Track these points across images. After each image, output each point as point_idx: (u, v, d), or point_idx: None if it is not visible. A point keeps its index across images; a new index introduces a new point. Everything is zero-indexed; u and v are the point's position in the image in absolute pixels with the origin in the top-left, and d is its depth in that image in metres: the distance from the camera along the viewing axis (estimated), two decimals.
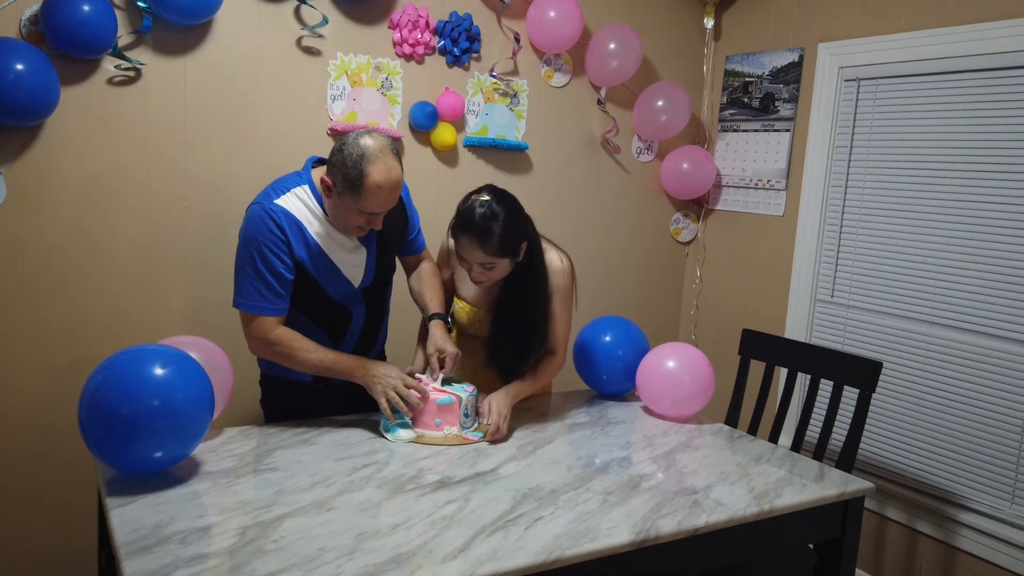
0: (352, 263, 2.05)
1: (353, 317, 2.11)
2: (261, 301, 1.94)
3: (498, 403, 2.07)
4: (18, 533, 2.37)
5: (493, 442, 2.03)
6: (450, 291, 2.33)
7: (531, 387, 2.21)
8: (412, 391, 1.97)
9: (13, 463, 2.34)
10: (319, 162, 2.05)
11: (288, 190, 1.97)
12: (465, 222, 2.00)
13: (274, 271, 1.93)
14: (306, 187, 1.99)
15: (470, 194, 2.06)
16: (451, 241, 2.16)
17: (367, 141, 1.87)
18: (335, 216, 1.96)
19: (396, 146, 1.95)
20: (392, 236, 2.16)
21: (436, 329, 2.12)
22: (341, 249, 2.01)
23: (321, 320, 2.08)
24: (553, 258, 2.19)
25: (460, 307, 2.28)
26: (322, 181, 1.94)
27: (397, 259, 2.28)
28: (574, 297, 2.25)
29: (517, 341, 2.17)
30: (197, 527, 1.47)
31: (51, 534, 2.42)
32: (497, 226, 1.98)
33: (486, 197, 2.02)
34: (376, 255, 2.10)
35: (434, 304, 2.19)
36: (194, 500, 1.58)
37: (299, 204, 1.96)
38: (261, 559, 1.37)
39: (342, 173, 1.86)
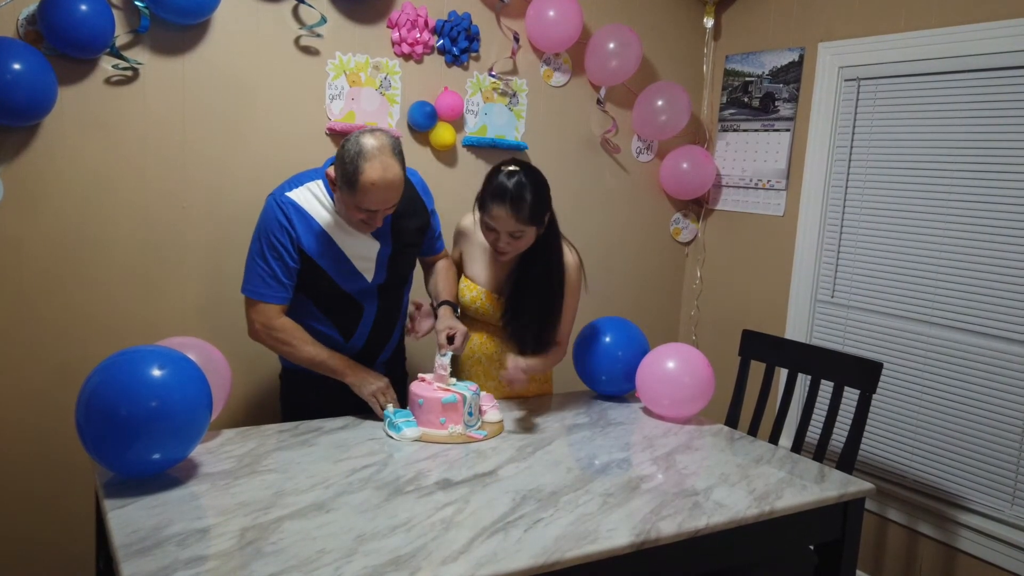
0: (364, 256, 2.11)
1: (364, 311, 2.16)
2: (264, 288, 2.04)
3: (519, 361, 2.16)
4: (15, 535, 2.36)
5: (509, 383, 2.16)
6: (457, 270, 2.40)
7: (540, 365, 2.27)
8: (387, 400, 2.08)
9: (10, 465, 2.33)
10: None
11: (302, 184, 2.07)
12: (498, 191, 2.08)
13: (279, 259, 2.02)
14: (320, 182, 2.08)
15: (498, 166, 2.14)
16: (465, 221, 2.32)
17: (367, 139, 1.93)
18: (340, 210, 2.04)
19: (399, 146, 1.99)
20: (410, 236, 2.21)
21: (445, 311, 2.21)
22: (353, 242, 2.08)
23: (332, 311, 2.14)
24: (564, 251, 2.27)
25: (466, 285, 2.31)
26: (326, 175, 2.04)
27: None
28: (581, 289, 2.33)
29: (537, 322, 2.24)
30: (195, 529, 1.46)
31: (49, 536, 2.41)
32: (528, 194, 2.07)
33: (515, 167, 2.11)
34: (391, 252, 2.15)
35: (445, 293, 2.28)
36: (192, 502, 1.58)
37: (310, 197, 2.05)
38: (260, 561, 1.36)
39: (341, 169, 1.95)
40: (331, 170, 2.01)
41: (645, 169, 3.41)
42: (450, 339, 2.11)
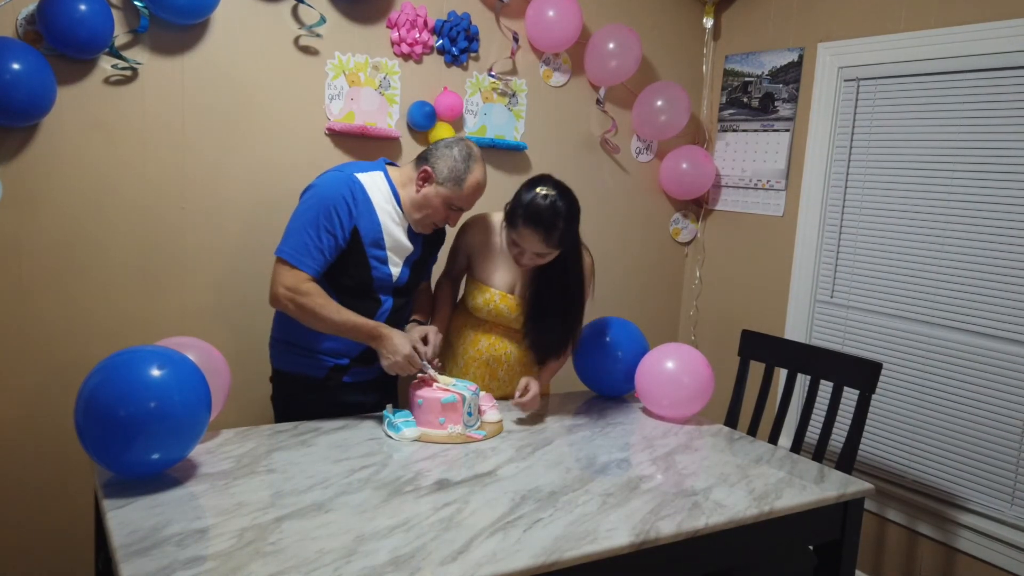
0: (399, 253, 2.16)
1: (382, 305, 2.18)
2: (306, 256, 2.04)
3: (536, 383, 2.21)
4: (15, 535, 2.36)
5: (523, 408, 2.21)
6: (460, 274, 2.42)
7: (548, 376, 2.39)
8: (413, 364, 2.07)
9: (9, 465, 2.33)
10: (389, 164, 2.23)
11: (366, 171, 2.14)
12: (532, 214, 2.05)
13: (331, 233, 2.04)
14: (381, 173, 2.15)
15: (532, 183, 2.12)
16: (485, 217, 2.31)
17: (471, 145, 2.14)
18: (418, 206, 2.12)
19: None
20: (432, 248, 2.31)
21: (413, 325, 2.25)
22: (395, 237, 2.14)
23: (353, 301, 2.13)
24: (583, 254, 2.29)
25: (477, 288, 2.29)
26: (423, 172, 2.10)
27: None
28: (591, 292, 2.34)
29: (559, 329, 2.25)
30: (195, 529, 1.46)
31: (48, 536, 2.40)
32: (561, 221, 2.06)
33: (551, 191, 2.07)
34: (418, 257, 2.22)
35: (419, 316, 2.33)
36: (191, 502, 1.58)
37: (372, 184, 2.12)
38: (259, 561, 1.36)
39: (449, 166, 2.08)
40: (427, 167, 2.09)
41: (645, 169, 3.41)
42: (424, 342, 2.14)
